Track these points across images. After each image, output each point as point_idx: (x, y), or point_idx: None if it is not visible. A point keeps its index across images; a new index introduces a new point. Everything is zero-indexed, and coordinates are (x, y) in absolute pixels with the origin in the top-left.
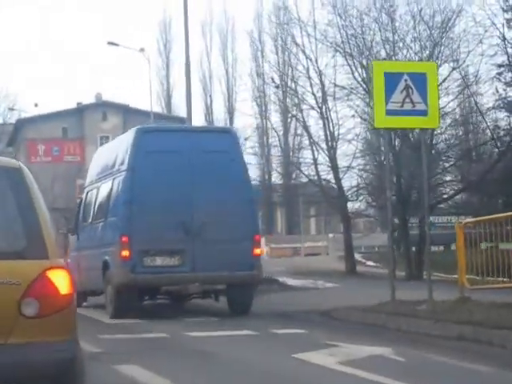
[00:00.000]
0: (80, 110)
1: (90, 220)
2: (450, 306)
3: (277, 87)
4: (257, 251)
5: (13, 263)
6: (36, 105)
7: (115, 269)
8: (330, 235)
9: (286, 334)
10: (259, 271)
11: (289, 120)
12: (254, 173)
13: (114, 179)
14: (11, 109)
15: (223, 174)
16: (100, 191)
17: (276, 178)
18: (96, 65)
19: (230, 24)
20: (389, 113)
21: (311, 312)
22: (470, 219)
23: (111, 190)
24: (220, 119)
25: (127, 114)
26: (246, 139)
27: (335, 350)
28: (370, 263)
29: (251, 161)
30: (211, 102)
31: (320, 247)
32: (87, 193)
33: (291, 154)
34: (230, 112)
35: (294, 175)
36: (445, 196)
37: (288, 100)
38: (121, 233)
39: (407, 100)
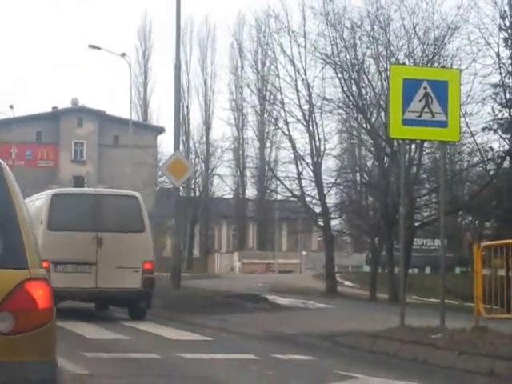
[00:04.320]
0: (55, 115)
1: None
2: (469, 336)
3: (263, 98)
4: None
5: None
6: (11, 106)
7: None
8: (304, 253)
9: (292, 360)
10: None
11: (265, 135)
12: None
13: None
14: None
15: None
16: None
17: (251, 193)
18: (74, 69)
19: (211, 34)
20: (405, 122)
21: (311, 335)
22: (489, 242)
23: None
24: (197, 130)
25: (103, 120)
26: (223, 152)
27: (356, 382)
28: (347, 283)
29: (226, 173)
30: (188, 112)
31: (293, 264)
32: None
33: (267, 168)
34: (207, 123)
35: (268, 190)
36: (432, 217)
37: (275, 113)
38: None
39: (426, 110)
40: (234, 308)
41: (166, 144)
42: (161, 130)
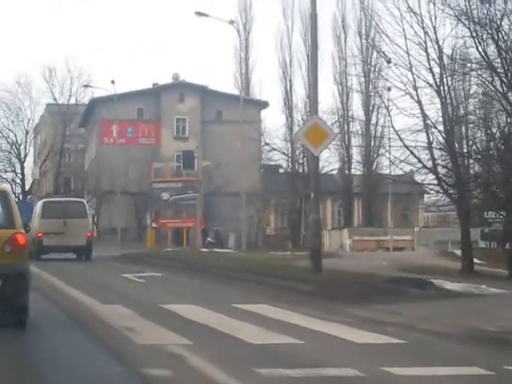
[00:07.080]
0: (156, 91)
1: None
2: None
3: (388, 62)
4: None
5: None
6: (113, 82)
7: None
8: (416, 229)
9: None
10: None
11: (371, 107)
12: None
13: None
14: (86, 85)
15: None
16: None
17: (356, 169)
18: (174, 42)
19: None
20: None
21: None
22: None
23: None
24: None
25: (205, 95)
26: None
27: None
28: (475, 260)
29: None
30: (291, 86)
31: (405, 241)
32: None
33: (373, 142)
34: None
35: (375, 164)
36: None
37: (404, 78)
38: None
39: None
40: (398, 296)
41: (269, 119)
42: (265, 105)
